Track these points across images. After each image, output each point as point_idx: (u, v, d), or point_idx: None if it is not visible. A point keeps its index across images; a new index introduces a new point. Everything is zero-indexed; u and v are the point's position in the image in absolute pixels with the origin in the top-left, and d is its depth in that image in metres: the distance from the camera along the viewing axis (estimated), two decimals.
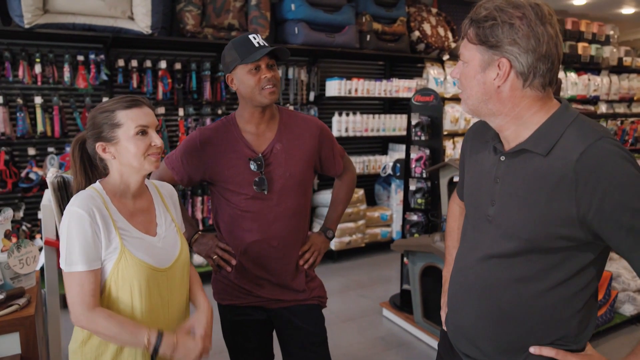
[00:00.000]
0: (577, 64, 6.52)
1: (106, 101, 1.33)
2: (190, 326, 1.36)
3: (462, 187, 1.37)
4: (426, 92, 3.48)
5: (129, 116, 1.28)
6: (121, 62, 3.85)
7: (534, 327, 1.11)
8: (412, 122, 3.45)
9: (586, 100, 6.67)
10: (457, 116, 5.36)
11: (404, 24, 4.99)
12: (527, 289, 1.09)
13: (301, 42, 4.33)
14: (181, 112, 4.14)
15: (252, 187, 1.63)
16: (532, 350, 1.12)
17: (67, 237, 1.23)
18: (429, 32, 5.11)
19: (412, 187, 3.50)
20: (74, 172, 1.41)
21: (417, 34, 5.06)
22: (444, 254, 2.74)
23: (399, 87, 5.01)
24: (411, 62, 5.38)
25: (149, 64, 3.94)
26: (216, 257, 1.71)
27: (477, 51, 1.05)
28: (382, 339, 3.24)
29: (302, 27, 4.33)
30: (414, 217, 3.51)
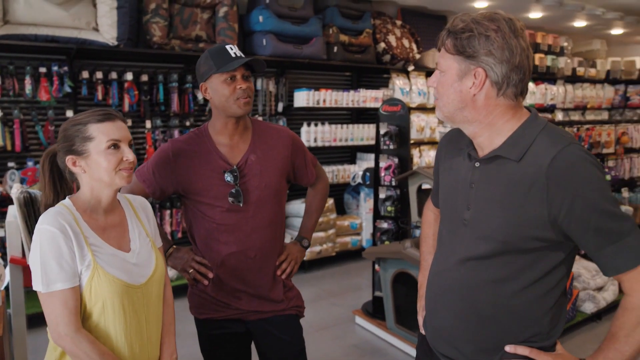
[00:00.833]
0: (535, 74, 6.81)
1: (79, 114, 1.31)
2: None
3: (436, 194, 1.41)
4: (393, 102, 3.56)
5: (100, 130, 1.26)
6: (85, 74, 3.77)
7: (510, 326, 1.15)
8: (381, 131, 3.51)
9: (544, 108, 6.96)
10: (422, 125, 5.49)
11: (370, 36, 5.09)
12: (502, 289, 1.14)
13: (269, 53, 4.35)
14: (148, 124, 4.08)
15: (227, 199, 1.62)
16: (508, 349, 1.16)
17: (41, 256, 1.19)
18: (394, 43, 5.24)
19: (381, 195, 3.56)
20: (42, 186, 1.38)
21: (382, 45, 5.17)
22: (416, 260, 2.81)
23: (366, 97, 5.10)
24: (377, 72, 5.49)
25: (115, 75, 3.87)
26: (192, 271, 1.69)
27: (454, 61, 1.11)
28: (355, 346, 3.26)
29: (270, 39, 4.35)
30: (384, 224, 3.57)
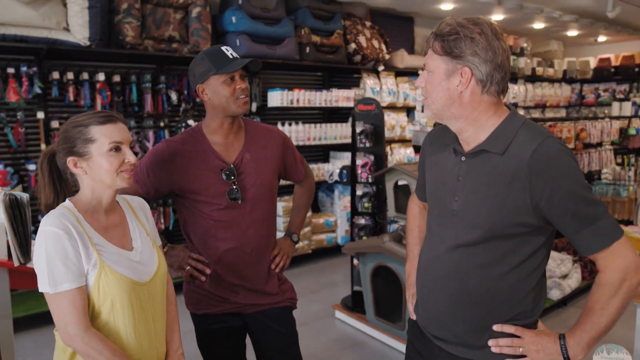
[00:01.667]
0: None
1: (79, 115, 1.32)
2: None
3: (421, 188, 1.50)
4: (368, 101, 3.66)
5: (102, 132, 1.27)
6: (56, 75, 3.70)
7: (497, 306, 1.25)
8: (357, 129, 3.61)
9: (506, 107, 7.22)
10: (393, 124, 5.63)
11: (340, 37, 5.19)
12: (489, 273, 1.24)
13: (243, 54, 4.38)
14: None
15: (225, 197, 1.67)
16: (495, 327, 1.26)
17: (47, 258, 1.20)
18: (365, 44, 5.35)
19: (358, 192, 3.65)
20: (41, 187, 1.38)
21: (353, 46, 5.28)
22: (394, 253, 2.92)
23: (339, 97, 5.19)
24: (349, 72, 5.59)
25: (86, 76, 3.82)
26: (189, 268, 1.72)
27: (442, 61, 1.20)
28: (336, 340, 3.34)
29: (244, 40, 4.38)
30: (362, 220, 3.66)
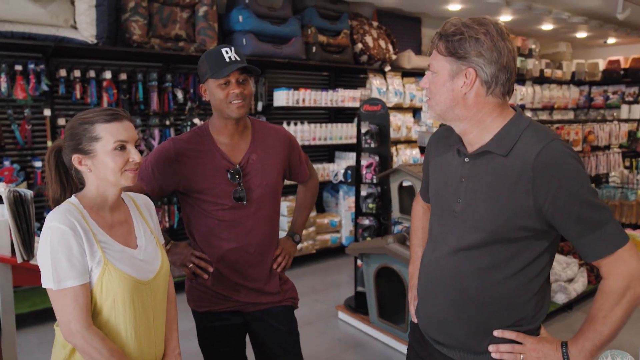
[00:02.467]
0: None
1: (86, 112, 1.31)
2: None
3: (426, 189, 1.49)
4: (374, 101, 3.65)
5: (108, 130, 1.26)
6: (63, 72, 3.72)
7: (498, 311, 1.24)
8: (362, 130, 3.59)
9: (512, 108, 7.17)
10: (399, 124, 5.60)
11: (347, 37, 5.18)
12: (491, 277, 1.22)
13: (249, 53, 4.38)
14: None
15: (230, 197, 1.67)
16: (496, 333, 1.24)
17: (52, 254, 1.20)
18: (371, 44, 5.33)
19: (363, 193, 3.64)
20: (48, 181, 1.38)
21: (360, 46, 5.26)
22: (398, 254, 2.90)
23: (344, 97, 5.18)
24: (355, 72, 5.58)
25: (93, 74, 3.84)
26: (192, 266, 1.72)
27: (446, 62, 1.18)
28: (339, 340, 3.33)
29: (250, 39, 4.38)
30: (366, 221, 3.65)
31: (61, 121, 3.76)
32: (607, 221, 1.12)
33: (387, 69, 5.54)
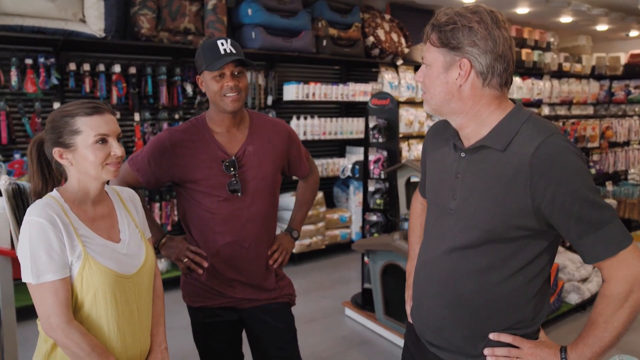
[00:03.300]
0: (522, 69, 6.87)
1: (68, 104, 1.29)
2: None
3: (424, 184, 1.44)
4: (382, 95, 3.59)
5: (88, 124, 1.24)
6: (73, 66, 3.74)
7: (494, 314, 1.18)
8: (370, 124, 3.54)
9: (530, 103, 7.03)
10: (411, 119, 5.52)
11: (358, 30, 5.11)
12: (487, 278, 1.17)
13: (258, 46, 4.35)
14: (137, 117, 4.06)
15: (225, 189, 1.64)
16: (492, 336, 1.19)
17: (30, 248, 1.19)
18: (383, 37, 5.25)
19: (370, 188, 3.59)
20: (30, 174, 1.37)
21: (371, 39, 5.19)
22: (404, 251, 2.85)
23: (355, 91, 5.11)
24: (366, 66, 5.50)
25: (102, 67, 3.85)
26: (187, 260, 1.70)
27: (439, 53, 1.13)
28: (345, 337, 3.30)
29: (260, 32, 4.35)
30: (373, 217, 3.60)
31: None
32: (609, 221, 1.06)
33: (399, 62, 5.45)
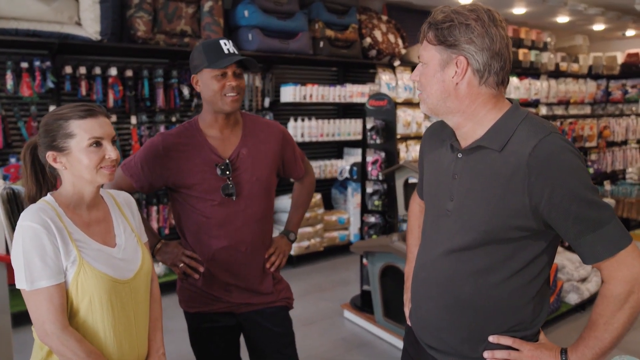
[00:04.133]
0: (519, 69, 6.87)
1: (62, 107, 1.28)
2: None
3: (421, 186, 1.43)
4: (380, 96, 3.58)
5: (82, 127, 1.23)
6: (69, 69, 3.72)
7: (493, 316, 1.17)
8: (368, 126, 3.53)
9: (528, 103, 7.03)
10: (409, 120, 5.51)
11: (355, 31, 5.10)
12: (485, 280, 1.15)
13: (255, 48, 4.34)
14: (134, 120, 4.05)
15: (219, 193, 1.62)
16: (491, 339, 1.18)
17: (24, 254, 1.17)
18: (380, 38, 5.25)
19: (369, 190, 3.58)
20: (24, 178, 1.36)
21: (368, 40, 5.18)
22: (403, 253, 2.84)
23: (353, 93, 5.11)
24: (363, 67, 5.50)
25: (98, 70, 3.83)
26: (183, 265, 1.68)
27: (436, 51, 1.12)
28: (344, 340, 3.28)
29: (256, 34, 4.34)
30: (372, 218, 3.59)
31: None
32: (608, 221, 1.05)
33: (397, 63, 5.45)
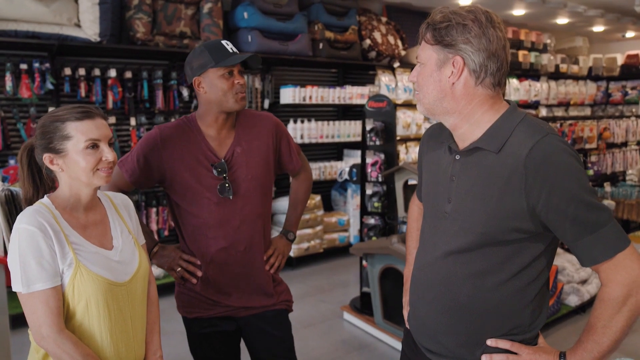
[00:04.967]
0: (519, 71, 6.87)
1: (58, 109, 1.27)
2: None
3: (420, 188, 1.42)
4: (379, 98, 3.58)
5: (79, 129, 1.23)
6: (68, 71, 3.72)
7: (491, 319, 1.16)
8: (367, 127, 3.52)
9: (528, 105, 7.03)
10: (408, 122, 5.51)
11: (355, 33, 5.10)
12: (483, 283, 1.15)
13: (255, 50, 4.34)
14: (133, 121, 4.04)
15: (215, 193, 1.61)
16: (489, 342, 1.17)
17: (20, 257, 1.16)
18: (380, 40, 5.25)
19: (368, 191, 3.57)
20: (21, 180, 1.35)
21: (368, 42, 5.18)
22: (402, 255, 2.83)
23: (352, 94, 5.10)
24: (363, 69, 5.50)
25: (98, 72, 3.83)
26: (180, 270, 1.67)
27: (433, 51, 1.12)
28: (343, 342, 3.27)
29: (256, 35, 4.34)
30: (371, 220, 3.58)
31: None
32: (606, 223, 1.04)
33: (396, 65, 5.45)
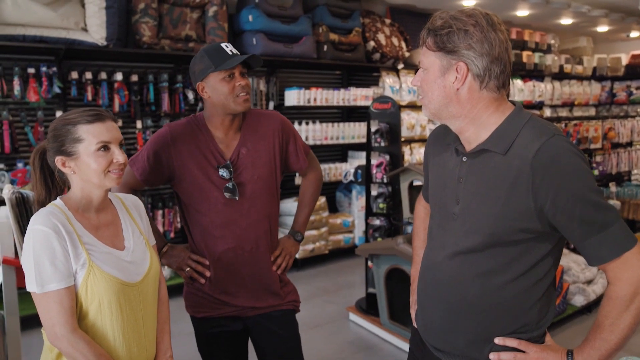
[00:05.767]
0: (523, 72, 6.87)
1: (70, 112, 1.30)
2: None
3: (427, 189, 1.44)
4: (384, 99, 3.59)
5: (90, 131, 1.25)
6: (75, 75, 3.75)
7: (499, 318, 1.18)
8: (372, 129, 3.54)
9: (532, 105, 7.02)
10: (413, 123, 5.52)
11: (359, 35, 5.12)
12: (491, 282, 1.16)
13: (259, 52, 4.36)
14: (139, 124, 4.07)
15: (222, 194, 1.63)
16: (497, 341, 1.18)
17: (34, 257, 1.19)
18: (384, 42, 5.26)
19: (373, 193, 3.58)
20: (34, 183, 1.38)
21: (372, 44, 5.20)
22: (408, 255, 2.84)
23: (357, 96, 5.12)
24: (367, 71, 5.52)
25: (104, 76, 3.86)
26: (189, 270, 1.69)
27: (436, 57, 1.13)
28: (350, 343, 3.28)
29: (260, 38, 4.37)
30: (377, 221, 3.59)
31: None
32: (613, 222, 1.05)
33: (400, 66, 5.46)
